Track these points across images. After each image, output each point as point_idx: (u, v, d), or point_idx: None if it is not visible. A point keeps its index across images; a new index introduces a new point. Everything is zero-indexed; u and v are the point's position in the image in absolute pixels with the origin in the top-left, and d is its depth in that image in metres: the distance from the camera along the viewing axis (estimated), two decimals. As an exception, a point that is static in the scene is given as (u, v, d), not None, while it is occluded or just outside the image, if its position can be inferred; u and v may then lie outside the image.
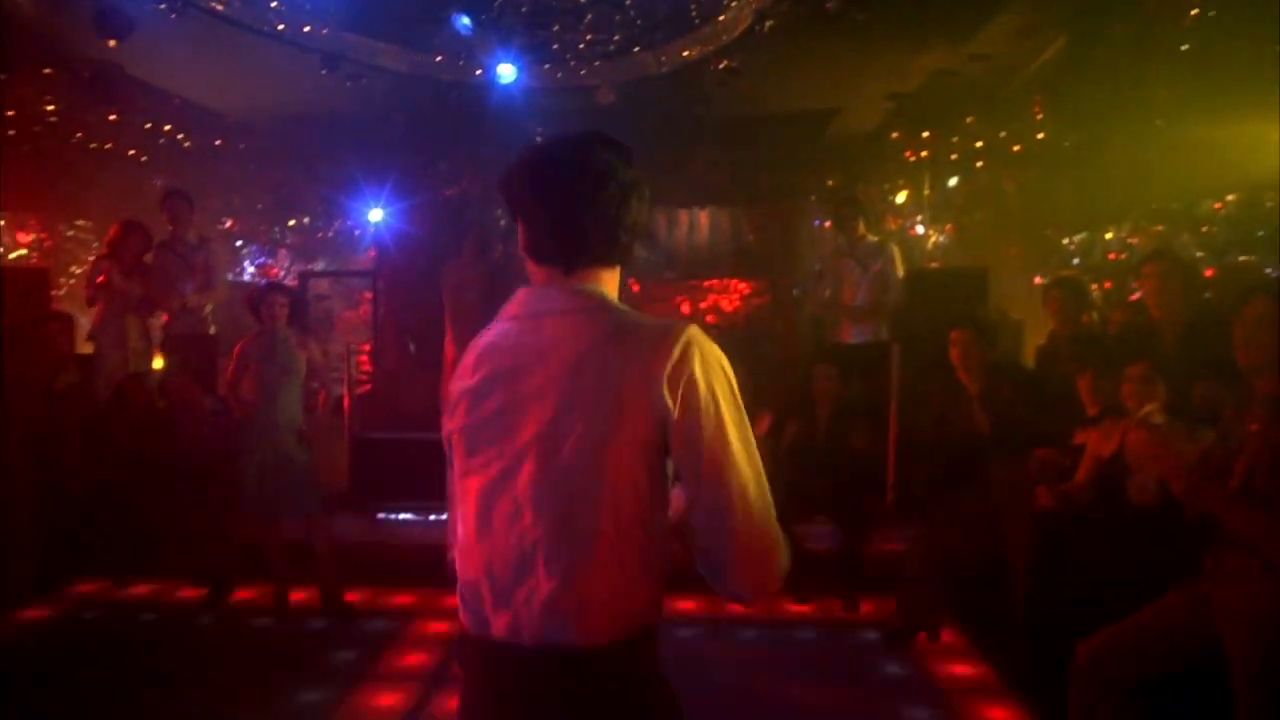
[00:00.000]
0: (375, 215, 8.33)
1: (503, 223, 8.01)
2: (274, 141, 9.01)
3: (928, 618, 4.25)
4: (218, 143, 8.95)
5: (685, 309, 8.73)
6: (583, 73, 7.54)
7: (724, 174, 9.03)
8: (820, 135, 8.76)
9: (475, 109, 7.49)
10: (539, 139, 1.62)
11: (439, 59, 7.37)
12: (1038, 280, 7.96)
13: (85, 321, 6.22)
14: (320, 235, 11.43)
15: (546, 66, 7.49)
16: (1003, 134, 7.79)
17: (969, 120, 7.98)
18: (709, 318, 8.70)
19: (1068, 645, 2.85)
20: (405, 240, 8.16)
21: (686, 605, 4.77)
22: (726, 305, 8.81)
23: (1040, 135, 7.46)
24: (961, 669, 4.00)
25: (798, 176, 9.16)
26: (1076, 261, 7.64)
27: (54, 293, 8.21)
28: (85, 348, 6.00)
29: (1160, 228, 6.61)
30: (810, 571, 4.80)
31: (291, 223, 11.18)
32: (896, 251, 5.96)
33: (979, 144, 8.01)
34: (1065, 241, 7.77)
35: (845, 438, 4.97)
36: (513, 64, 7.15)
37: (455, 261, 7.00)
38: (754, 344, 8.28)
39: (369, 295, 9.08)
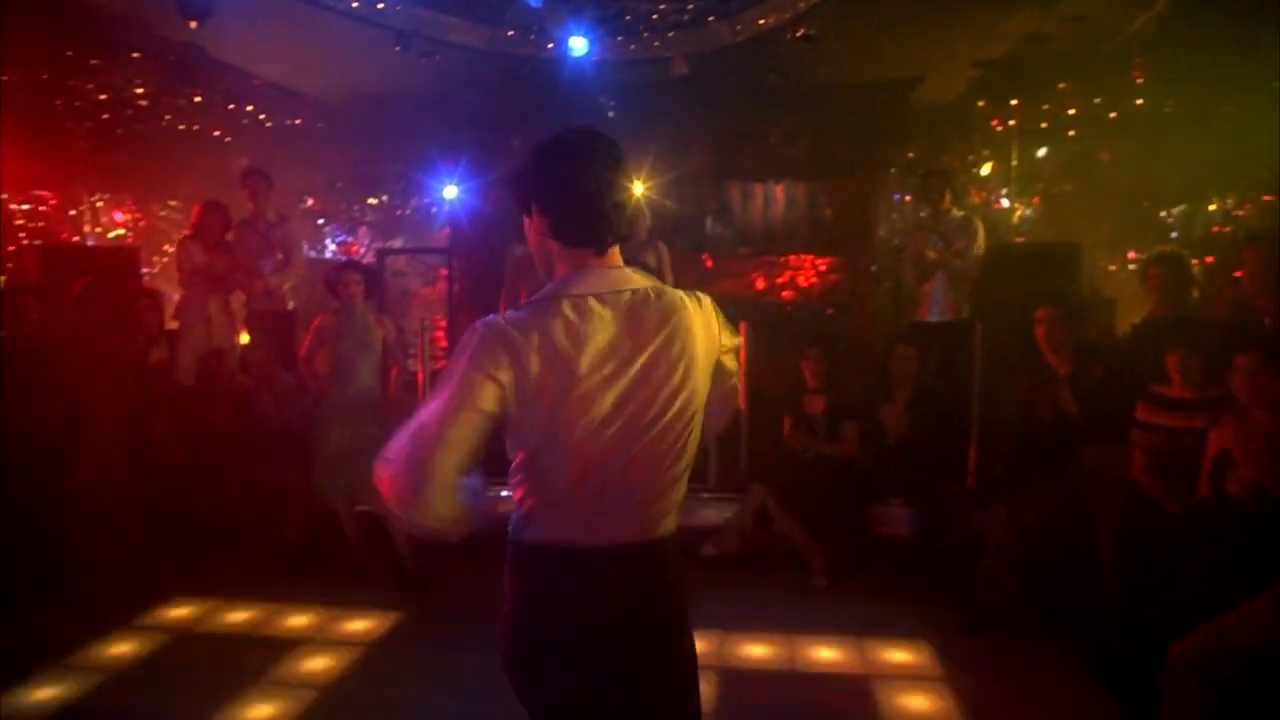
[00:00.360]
0: (450, 193, 8.39)
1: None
2: (351, 120, 9.15)
3: (1006, 606, 4.10)
4: (297, 122, 9.13)
5: (760, 284, 8.56)
6: (656, 44, 7.41)
7: (800, 147, 8.80)
8: (901, 105, 8.46)
9: (548, 83, 7.45)
10: (564, 130, 1.73)
11: (511, 33, 7.34)
12: (1132, 255, 7.57)
13: (175, 298, 6.43)
14: (398, 213, 11.61)
15: (619, 39, 7.39)
16: (1098, 100, 7.38)
17: (1061, 87, 7.58)
18: (784, 294, 8.52)
19: (1158, 641, 2.71)
20: (478, 217, 8.20)
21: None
22: (802, 281, 8.61)
23: (1139, 101, 7.04)
24: (1045, 662, 3.85)
25: (877, 149, 8.87)
26: (1175, 235, 7.22)
27: (147, 271, 8.53)
28: (173, 325, 6.21)
29: (1270, 197, 6.18)
30: (886, 556, 4.70)
31: (371, 200, 11.38)
32: (981, 227, 5.72)
33: (1071, 112, 7.61)
34: (1163, 214, 7.34)
35: (924, 420, 4.82)
36: (585, 37, 7.07)
37: (520, 240, 7.02)
38: (830, 321, 8.09)
39: (444, 272, 9.17)
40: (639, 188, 7.39)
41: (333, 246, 11.94)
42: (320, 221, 11.33)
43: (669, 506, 1.72)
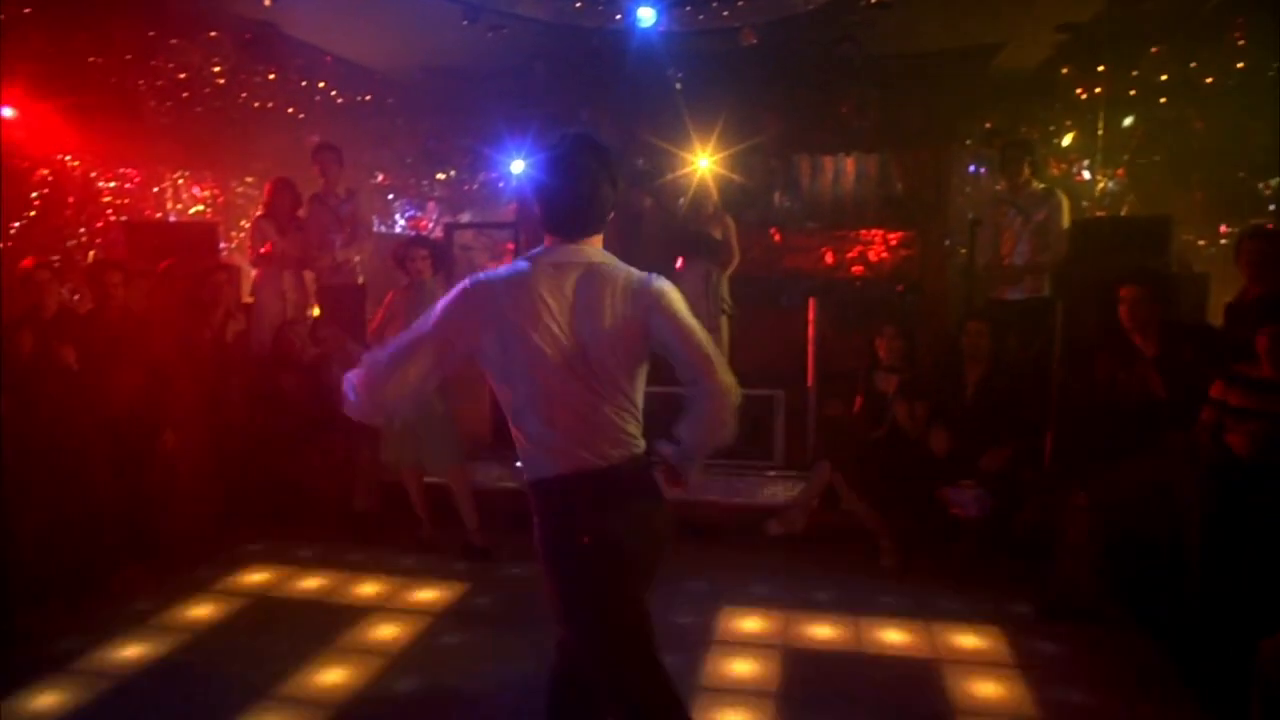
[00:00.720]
0: (517, 167, 8.40)
1: (641, 164, 7.93)
2: (419, 95, 9.21)
3: (1085, 594, 3.96)
4: (367, 98, 9.23)
5: (829, 259, 8.41)
6: (725, 14, 7.26)
7: (872, 118, 8.57)
8: (979, 73, 8.16)
9: (615, 55, 7.38)
10: (555, 146, 2.18)
11: (578, 5, 7.28)
12: (1224, 229, 7.20)
13: (253, 274, 6.60)
14: (466, 188, 11.69)
15: (687, 9, 7.27)
16: (1193, 65, 6.99)
17: (1154, 51, 7.20)
18: (854, 268, 8.35)
19: (1247, 636, 2.57)
20: (545, 192, 8.21)
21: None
22: (872, 256, 8.43)
23: (1240, 65, 6.64)
24: (1123, 652, 3.71)
25: (952, 119, 8.57)
26: (1274, 208, 6.84)
27: (225, 246, 8.77)
28: (250, 300, 6.37)
29: (1380, 167, 5.80)
30: (956, 539, 4.59)
31: (439, 176, 11.49)
32: (1065, 200, 5.48)
33: (1164, 77, 7.23)
34: (1260, 186, 6.96)
35: (997, 399, 4.67)
36: (652, 7, 6.96)
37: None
38: (900, 298, 7.90)
39: (511, 246, 9.22)
40: (705, 160, 7.31)
41: (402, 221, 12.11)
42: (390, 197, 11.49)
43: (617, 439, 2.11)
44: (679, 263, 6.58)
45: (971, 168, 8.87)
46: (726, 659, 3.70)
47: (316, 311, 6.43)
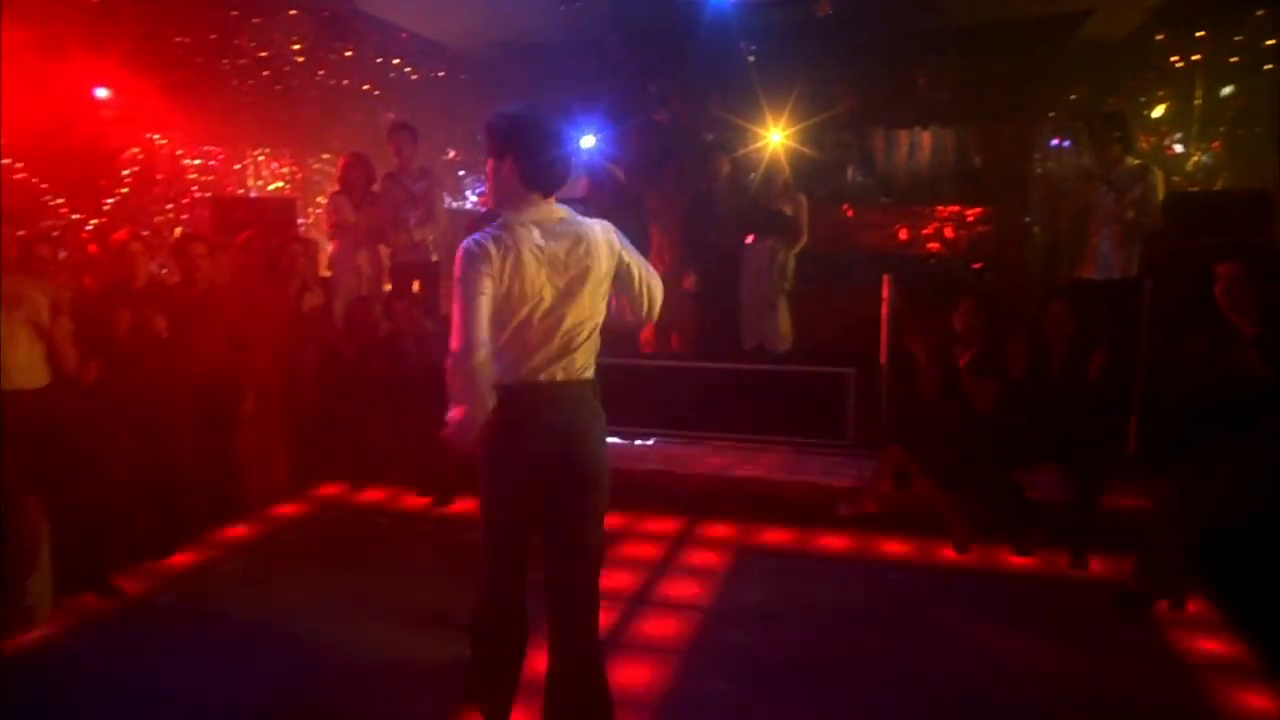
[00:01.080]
0: (587, 142, 8.39)
1: (710, 138, 7.83)
2: (492, 71, 9.26)
3: (1171, 582, 3.82)
4: (441, 74, 9.32)
5: (903, 236, 8.20)
6: (799, -16, 7.12)
7: (950, 90, 8.31)
8: (1065, 42, 7.83)
9: (687, 28, 7.29)
10: (534, 107, 2.61)
11: (651, -24, 7.22)
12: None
13: (330, 249, 6.75)
14: (537, 164, 11.74)
15: (761, -21, 7.15)
16: (1302, 29, 6.60)
17: (1259, 14, 6.80)
18: (929, 245, 8.13)
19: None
20: (616, 166, 8.17)
21: (897, 548, 4.60)
22: (948, 233, 8.19)
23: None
24: (1210, 645, 3.57)
25: (1035, 91, 8.25)
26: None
27: (302, 221, 8.99)
28: (327, 274, 6.52)
29: None
30: (1037, 523, 4.47)
31: (510, 151, 11.55)
32: (1160, 176, 5.24)
33: (1270, 42, 6.83)
34: (1373, 157, 6.53)
35: (1080, 380, 4.52)
36: (726, -22, 6.86)
37: (655, 189, 6.96)
38: (977, 276, 7.69)
39: (581, 223, 9.22)
40: (777, 135, 7.19)
41: (473, 198, 12.24)
42: (461, 173, 11.61)
43: (584, 360, 2.55)
44: (749, 238, 6.51)
45: (1054, 141, 8.54)
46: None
47: (389, 287, 6.55)
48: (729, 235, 6.57)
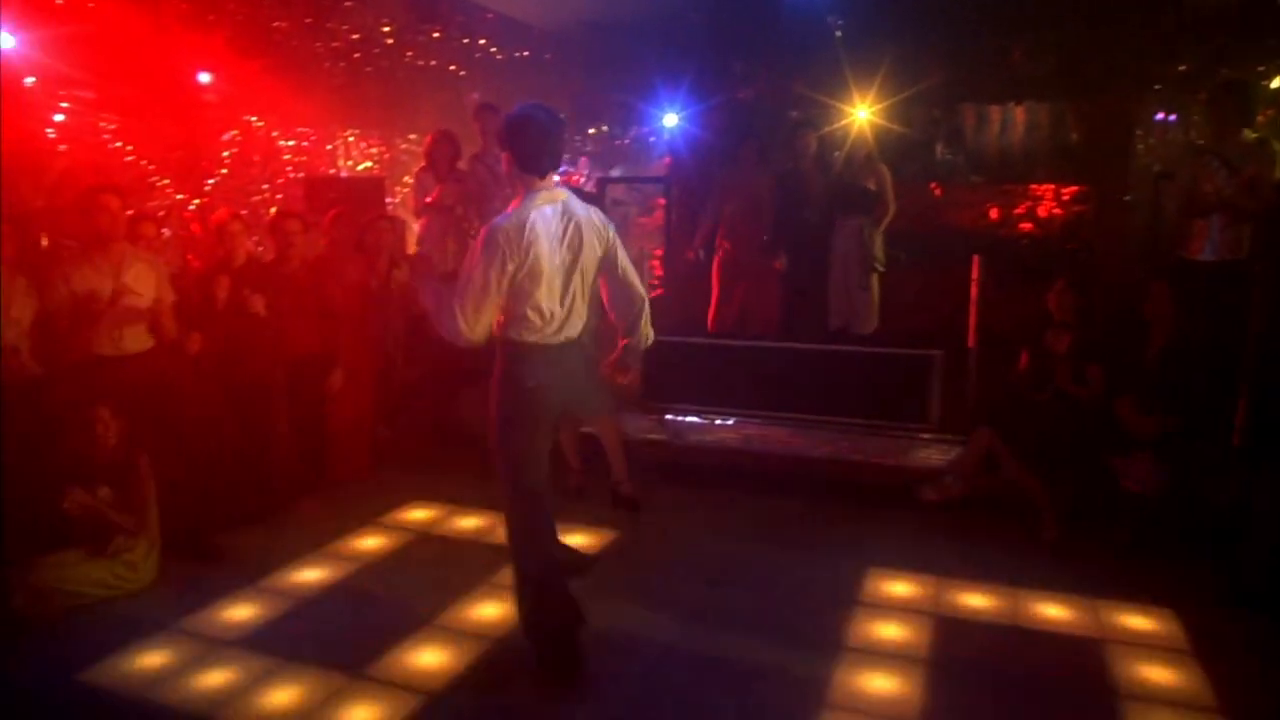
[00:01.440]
0: (670, 120, 8.36)
1: (794, 115, 7.71)
2: (575, 50, 9.30)
3: (1276, 583, 3.64)
4: (525, 54, 9.41)
5: (994, 215, 7.95)
6: (889, -44, 6.93)
7: (1046, 63, 7.96)
8: (1173, 10, 7.42)
9: (772, 4, 7.18)
10: (529, 107, 3.09)
11: (736, -47, 7.12)
12: None
13: (417, 227, 6.91)
14: (618, 142, 11.79)
15: (849, -48, 6.98)
16: None
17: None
18: (1021, 225, 7.86)
19: None
20: (697, 145, 8.13)
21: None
22: (1042, 212, 7.90)
23: None
24: None
25: (1139, 62, 7.84)
26: None
27: (390, 200, 9.21)
28: (414, 251, 6.68)
29: None
30: (1130, 513, 4.31)
31: (591, 130, 11.61)
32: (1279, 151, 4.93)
33: None
34: None
35: (1181, 367, 4.32)
36: (813, -48, 6.72)
37: (730, 167, 6.88)
38: (1073, 256, 7.40)
39: (662, 201, 9.23)
40: (863, 111, 7.03)
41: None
42: (544, 152, 11.70)
43: (578, 323, 3.15)
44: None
45: (1159, 116, 8.12)
46: (873, 621, 3.64)
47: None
48: (816, 214, 6.47)
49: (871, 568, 4.11)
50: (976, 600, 3.81)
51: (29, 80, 7.37)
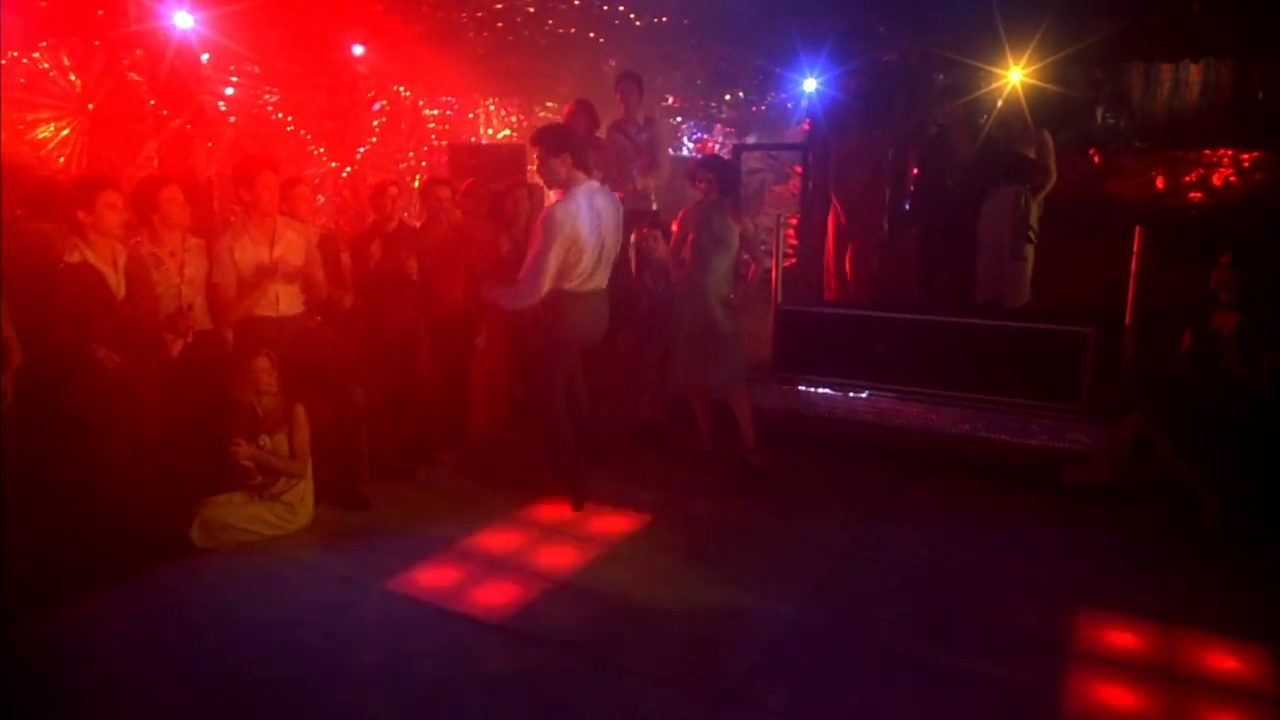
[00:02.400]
0: (809, 85, 8.15)
1: (940, 78, 7.39)
2: (715, 15, 9.16)
3: None
4: (664, 19, 9.34)
5: (1160, 184, 7.38)
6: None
7: (1228, 15, 7.27)
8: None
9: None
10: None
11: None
12: None
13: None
14: (754, 109, 11.60)
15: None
16: None
17: None
18: (1191, 194, 7.27)
19: None
20: (837, 111, 7.90)
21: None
22: (1216, 180, 7.27)
23: None
24: None
25: (1339, 14, 7.06)
26: None
27: (530, 167, 9.41)
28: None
29: None
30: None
31: (727, 97, 11.48)
32: None
33: None
34: None
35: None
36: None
37: (850, 133, 6.65)
38: (1249, 228, 6.79)
39: (799, 169, 9.04)
40: (1016, 73, 6.65)
41: (689, 144, 12.29)
42: (678, 119, 11.67)
43: (603, 277, 4.39)
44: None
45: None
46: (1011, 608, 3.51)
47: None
48: (961, 182, 6.19)
49: (1011, 558, 3.96)
50: (1120, 594, 3.61)
51: (205, 57, 7.92)
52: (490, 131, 11.08)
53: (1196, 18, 7.00)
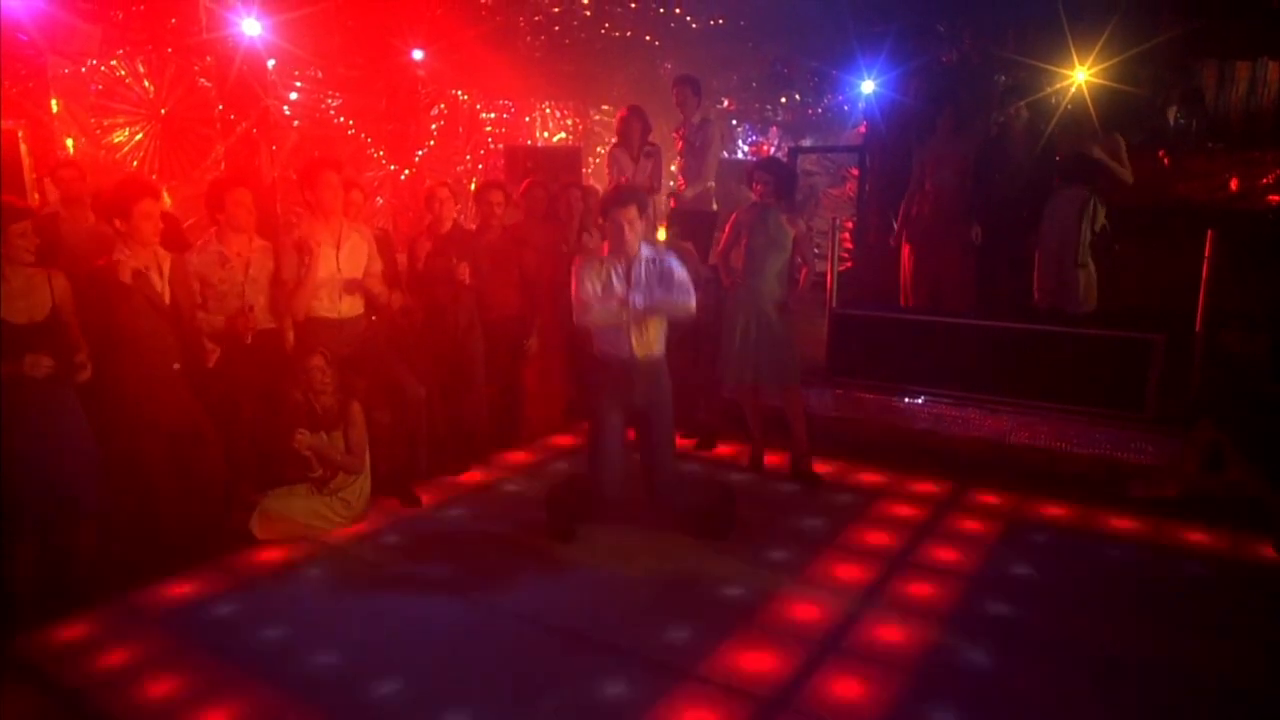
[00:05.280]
0: (867, 87, 8.05)
1: (1001, 79, 7.24)
2: (771, 16, 9.12)
3: None
4: (720, 21, 9.33)
5: (1233, 186, 7.13)
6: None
7: (1311, 12, 6.99)
8: None
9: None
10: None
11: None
12: None
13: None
14: (810, 112, 11.51)
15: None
16: None
17: None
18: (1269, 197, 7.00)
19: None
20: (895, 112, 7.79)
21: (1199, 537, 4.11)
22: (1294, 183, 7.00)
23: None
24: None
25: None
26: None
27: (583, 169, 9.46)
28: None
29: None
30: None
31: (783, 100, 11.41)
32: None
33: None
34: None
35: None
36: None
37: (931, 137, 6.52)
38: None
39: (855, 171, 8.94)
40: (1082, 73, 6.48)
41: (744, 147, 12.23)
42: (734, 122, 11.63)
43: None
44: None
45: None
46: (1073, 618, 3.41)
47: (662, 235, 6.72)
48: (1021, 185, 6.05)
49: (1071, 560, 3.85)
50: (1193, 607, 3.49)
51: (270, 63, 8.13)
52: (545, 135, 11.18)
53: (1275, 12, 6.75)
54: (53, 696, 3.01)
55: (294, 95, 8.62)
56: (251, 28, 7.24)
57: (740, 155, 11.71)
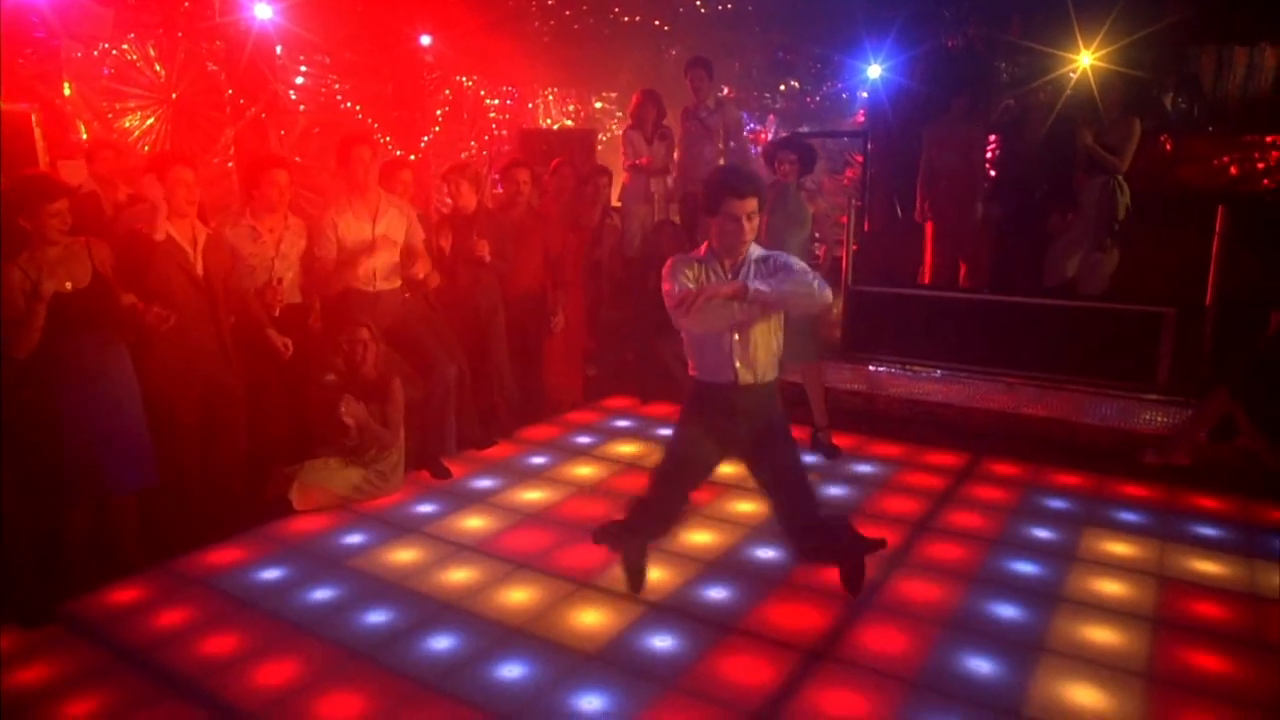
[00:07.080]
0: (873, 71, 8.15)
1: (1004, 67, 7.36)
2: (778, 1, 9.18)
3: None
4: (728, 6, 9.39)
5: (1233, 170, 7.28)
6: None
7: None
8: None
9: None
10: None
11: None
12: None
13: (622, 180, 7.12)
14: (809, 100, 11.59)
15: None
16: None
17: None
18: (1265, 181, 7.15)
19: None
20: (900, 96, 7.89)
21: (1211, 504, 4.24)
22: (1294, 165, 7.14)
23: None
24: None
25: None
26: None
27: (598, 149, 9.51)
28: (617, 205, 6.90)
29: None
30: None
31: (782, 88, 11.48)
32: None
33: None
34: None
35: None
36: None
37: (940, 119, 6.63)
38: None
39: (859, 158, 9.04)
40: (1086, 58, 6.60)
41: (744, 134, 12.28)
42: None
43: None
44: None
45: None
46: (1093, 577, 3.53)
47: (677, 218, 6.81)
48: (1036, 166, 6.18)
49: (1088, 527, 3.98)
50: (1207, 566, 3.61)
51: (278, 49, 8.15)
52: (549, 121, 11.23)
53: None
54: (115, 652, 3.08)
55: (300, 80, 8.64)
56: (263, 12, 7.27)
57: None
